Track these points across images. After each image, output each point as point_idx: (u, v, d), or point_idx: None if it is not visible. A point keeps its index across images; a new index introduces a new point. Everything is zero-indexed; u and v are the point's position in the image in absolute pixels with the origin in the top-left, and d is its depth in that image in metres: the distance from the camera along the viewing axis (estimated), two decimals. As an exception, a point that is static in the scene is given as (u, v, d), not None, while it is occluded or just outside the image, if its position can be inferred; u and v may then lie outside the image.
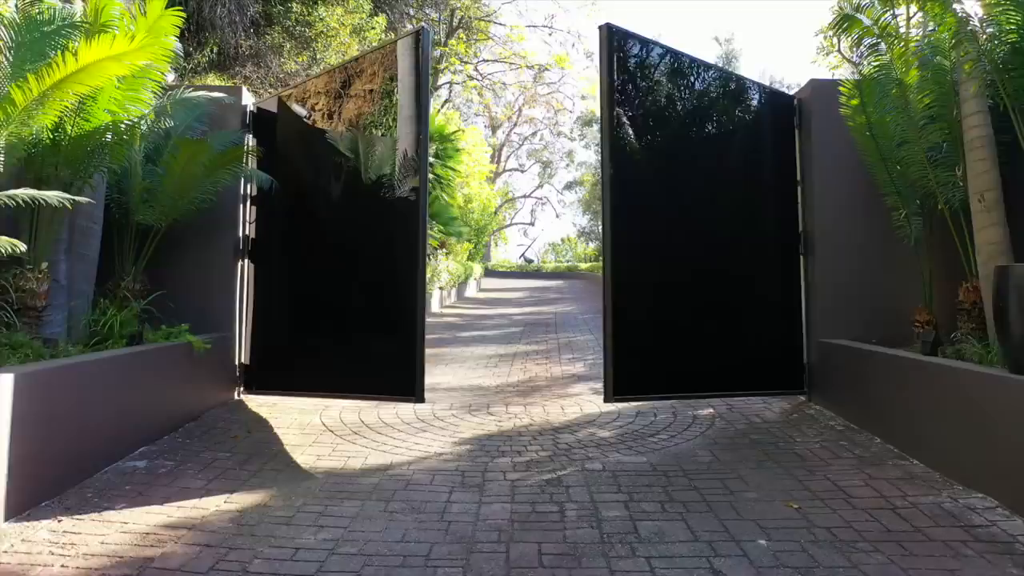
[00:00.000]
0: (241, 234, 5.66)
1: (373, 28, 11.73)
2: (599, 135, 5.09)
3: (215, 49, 9.66)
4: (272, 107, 5.73)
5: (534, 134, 47.16)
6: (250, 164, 5.67)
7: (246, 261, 5.70)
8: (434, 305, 16.03)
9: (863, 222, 5.36)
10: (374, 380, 5.05)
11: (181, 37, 9.87)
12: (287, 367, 5.44)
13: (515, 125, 44.93)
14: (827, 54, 10.97)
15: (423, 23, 4.78)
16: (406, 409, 5.50)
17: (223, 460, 4.09)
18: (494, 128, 42.23)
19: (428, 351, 9.16)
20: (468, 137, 24.12)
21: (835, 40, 10.00)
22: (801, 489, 3.63)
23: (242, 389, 5.66)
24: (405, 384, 4.82)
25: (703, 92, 5.33)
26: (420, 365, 4.80)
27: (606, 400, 4.94)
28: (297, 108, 5.61)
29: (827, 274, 5.38)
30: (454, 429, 4.96)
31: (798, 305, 5.54)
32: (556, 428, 4.99)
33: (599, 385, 6.60)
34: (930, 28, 4.74)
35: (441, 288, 17.03)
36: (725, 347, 5.24)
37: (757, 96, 5.53)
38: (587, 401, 5.88)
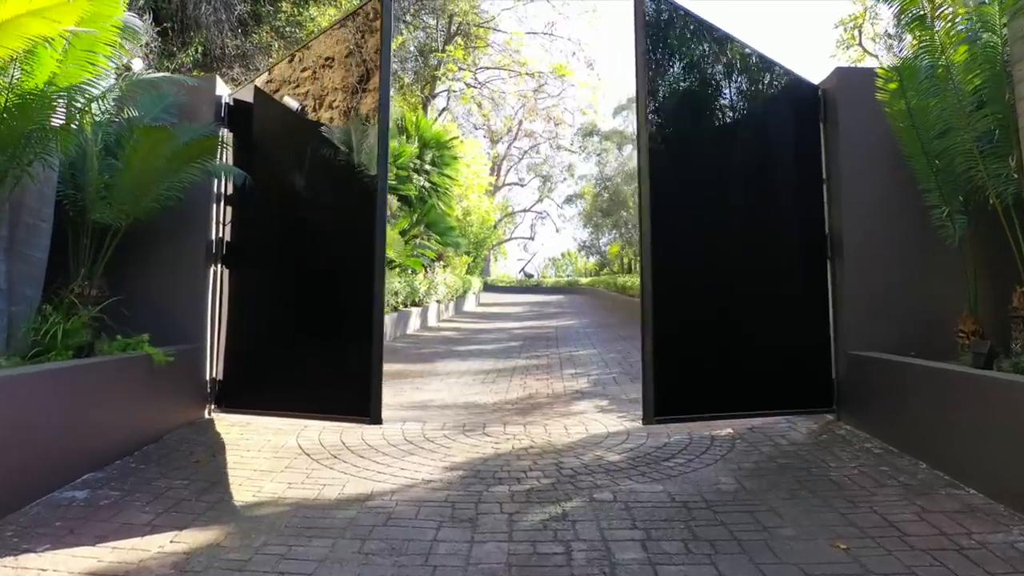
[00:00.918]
0: (214, 236, 5.17)
1: (367, 31, 11.25)
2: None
3: (200, 49, 9.22)
4: (249, 97, 5.26)
5: (534, 148, 46.92)
6: (226, 159, 5.21)
7: (219, 266, 5.20)
8: (431, 319, 15.53)
9: (897, 222, 4.87)
10: (329, 398, 4.60)
11: (164, 35, 9.52)
12: (258, 383, 4.94)
13: (515, 139, 44.68)
14: (847, 48, 10.49)
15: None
16: (393, 430, 4.98)
17: (179, 489, 3.57)
18: (493, 140, 41.97)
19: (422, 367, 8.71)
20: (468, 149, 23.76)
21: (856, 33, 9.57)
22: (846, 524, 3.11)
23: (213, 407, 5.14)
24: (359, 402, 4.35)
25: (736, 74, 4.81)
26: (376, 381, 4.34)
27: (646, 422, 4.43)
28: (274, 97, 5.14)
29: (857, 280, 4.88)
30: (445, 452, 4.45)
31: (824, 314, 5.04)
32: (559, 451, 4.47)
33: (605, 403, 6.09)
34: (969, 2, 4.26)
35: (438, 301, 16.54)
36: (758, 362, 4.74)
37: (779, 83, 5.04)
38: (592, 420, 5.36)
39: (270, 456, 4.26)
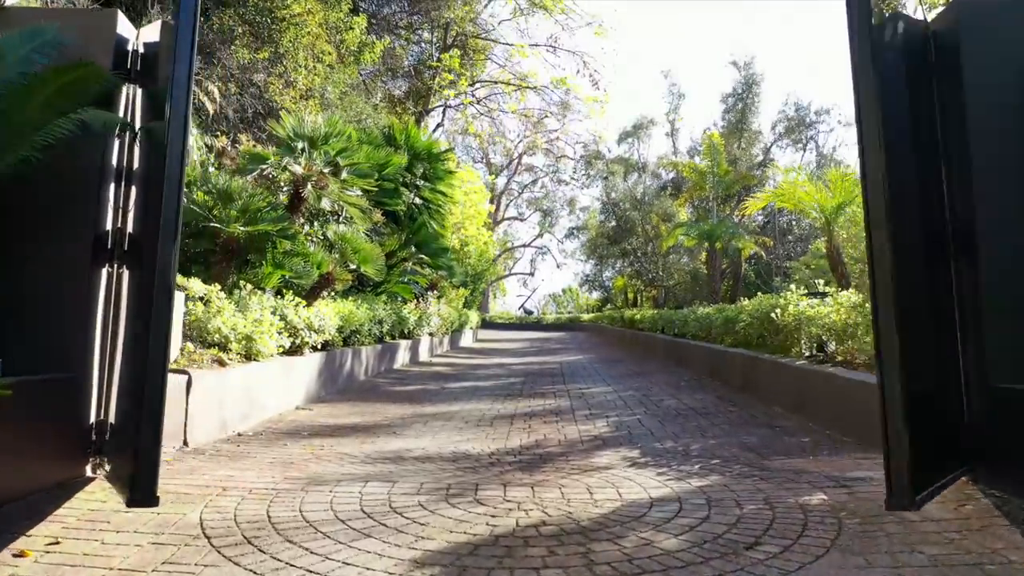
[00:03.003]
0: (109, 226, 3.79)
1: (352, 29, 10.09)
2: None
3: (152, 34, 7.99)
4: (157, 37, 3.92)
5: (534, 182, 46.33)
6: (133, 116, 3.88)
7: (116, 267, 3.81)
8: (422, 353, 14.10)
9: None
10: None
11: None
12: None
13: (515, 173, 44.12)
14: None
15: None
16: (347, 496, 3.53)
17: (-48, 613, 2.13)
18: (493, 174, 41.22)
19: (402, 407, 7.16)
20: (466, 177, 22.67)
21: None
22: None
23: (100, 461, 3.69)
24: (121, 466, 3.17)
25: None
26: (148, 438, 2.96)
27: (903, 506, 2.89)
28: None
29: (1000, 284, 3.48)
30: (417, 532, 2.99)
31: (948, 334, 3.63)
32: (586, 530, 3.02)
33: (635, 453, 4.64)
34: None
35: (431, 334, 15.10)
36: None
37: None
38: (624, 479, 3.92)
39: (149, 540, 2.80)
